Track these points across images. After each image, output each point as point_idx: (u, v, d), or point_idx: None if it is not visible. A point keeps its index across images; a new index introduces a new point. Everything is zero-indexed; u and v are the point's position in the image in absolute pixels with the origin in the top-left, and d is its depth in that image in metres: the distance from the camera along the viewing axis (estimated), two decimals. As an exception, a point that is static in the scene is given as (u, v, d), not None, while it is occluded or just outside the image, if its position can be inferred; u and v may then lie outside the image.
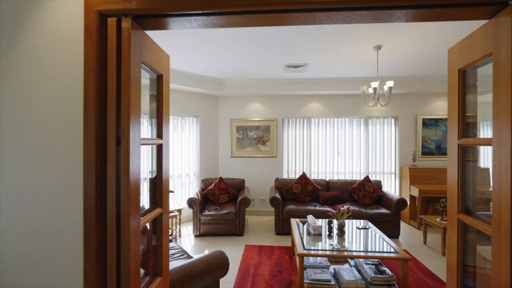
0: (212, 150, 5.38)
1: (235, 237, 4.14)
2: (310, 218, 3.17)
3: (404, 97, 5.19)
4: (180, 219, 4.18)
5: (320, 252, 2.44)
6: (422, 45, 3.20)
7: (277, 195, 4.29)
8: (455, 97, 1.27)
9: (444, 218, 3.69)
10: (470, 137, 1.25)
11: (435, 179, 4.76)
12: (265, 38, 3.01)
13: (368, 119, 5.28)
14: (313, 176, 5.35)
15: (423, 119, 5.11)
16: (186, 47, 3.30)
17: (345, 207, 4.25)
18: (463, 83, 1.24)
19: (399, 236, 4.15)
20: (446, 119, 5.09)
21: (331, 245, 2.67)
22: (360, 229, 3.15)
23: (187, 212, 4.88)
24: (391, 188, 5.28)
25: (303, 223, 3.43)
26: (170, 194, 4.47)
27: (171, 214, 3.92)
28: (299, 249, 2.49)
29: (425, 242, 3.89)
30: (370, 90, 3.34)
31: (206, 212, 4.12)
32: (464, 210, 1.24)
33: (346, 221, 3.32)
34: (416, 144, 5.14)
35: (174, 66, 4.11)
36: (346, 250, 2.51)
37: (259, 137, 5.38)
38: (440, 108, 5.15)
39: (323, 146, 5.33)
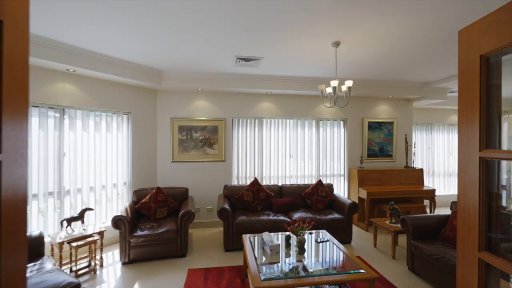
0: (148, 154, 4.50)
1: (176, 260, 3.43)
2: (265, 235, 2.73)
3: (353, 100, 5.26)
4: (102, 243, 3.25)
5: (281, 283, 2.00)
6: (380, 45, 3.09)
7: (226, 206, 3.74)
8: (473, 93, 0.94)
9: (393, 221, 3.72)
10: (493, 147, 0.94)
11: (379, 181, 4.91)
12: (213, 22, 2.44)
13: (319, 121, 5.18)
14: (265, 181, 4.98)
15: (369, 122, 5.26)
16: (112, 23, 2.49)
17: (298, 214, 3.99)
18: (487, 74, 0.92)
19: (351, 241, 4.07)
20: (388, 123, 5.34)
21: (292, 267, 2.27)
22: (319, 242, 2.85)
23: (113, 232, 3.92)
24: (341, 190, 5.29)
25: (257, 239, 2.97)
26: (90, 212, 3.48)
27: (88, 240, 2.99)
28: (254, 282, 2.01)
29: (375, 245, 3.89)
30: (329, 90, 3.09)
31: (139, 233, 3.31)
32: (487, 247, 0.93)
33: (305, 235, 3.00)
34: (362, 146, 5.25)
35: (95, 48, 3.17)
36: (311, 275, 2.13)
37: (206, 139, 4.75)
38: (383, 112, 5.38)
39: (275, 149, 5.01)
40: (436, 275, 2.74)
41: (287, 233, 3.03)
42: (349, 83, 2.86)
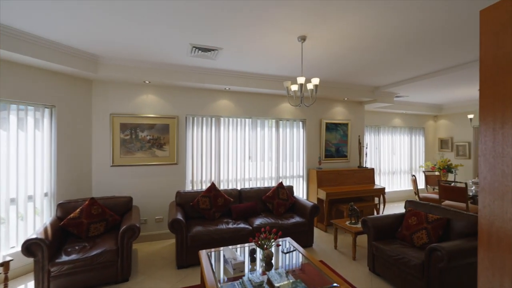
0: (80, 158, 3.70)
1: (116, 287, 2.82)
2: (227, 251, 2.37)
3: (309, 102, 5.25)
4: (6, 277, 2.45)
5: (249, 312, 1.68)
6: (345, 43, 3.02)
7: (179, 216, 3.26)
8: (506, 86, 0.77)
9: (353, 221, 3.74)
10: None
11: (336, 181, 4.99)
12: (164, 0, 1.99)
13: (279, 121, 5.02)
14: (223, 185, 4.59)
15: (326, 123, 5.32)
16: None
17: (259, 220, 3.73)
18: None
19: (313, 244, 3.99)
20: (343, 124, 5.49)
21: (259, 284, 1.97)
22: (286, 253, 2.62)
23: (25, 260, 3.06)
24: (300, 192, 5.23)
25: (216, 254, 2.59)
26: (-10, 234, 2.61)
27: (-16, 275, 2.20)
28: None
29: (335, 247, 3.87)
30: (294, 87, 2.89)
31: (63, 258, 2.60)
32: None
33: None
34: (320, 147, 5.28)
35: (6, 20, 2.36)
36: (282, 297, 1.86)
37: (155, 139, 4.14)
38: (339, 113, 5.51)
39: (233, 150, 4.67)
40: (397, 275, 2.76)
41: (251, 245, 2.73)
42: (315, 81, 2.70)
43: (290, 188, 4.48)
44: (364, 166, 5.53)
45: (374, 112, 6.71)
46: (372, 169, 5.37)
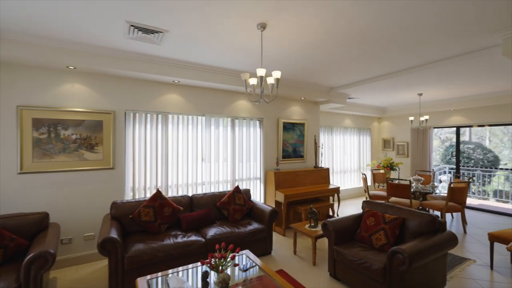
0: (-31, 163, 2.76)
1: (16, 338, 2.09)
2: (172, 281, 1.92)
3: (270, 99, 5.02)
4: None
5: None
6: (306, 37, 2.81)
7: (113, 233, 2.64)
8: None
9: (312, 224, 3.60)
10: None
11: (294, 182, 4.86)
12: None
13: (235, 120, 4.66)
14: (171, 192, 4.03)
15: (284, 123, 5.16)
16: None
17: (213, 230, 3.32)
18: None
19: (272, 251, 3.74)
20: (300, 124, 5.41)
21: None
22: (245, 271, 2.27)
23: None
24: (257, 195, 4.96)
25: (160, 282, 2.10)
26: None
27: None
28: None
29: (295, 252, 3.68)
30: (253, 81, 2.56)
31: None
32: None
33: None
34: (278, 147, 5.10)
35: None
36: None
37: (84, 139, 3.37)
38: (296, 113, 5.42)
39: (184, 151, 4.14)
40: (358, 280, 2.66)
41: (204, 267, 2.30)
42: (277, 74, 2.42)
43: (247, 192, 4.16)
44: (320, 166, 5.55)
45: (328, 113, 6.87)
46: (327, 169, 5.41)
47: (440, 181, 7.81)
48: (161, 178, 3.94)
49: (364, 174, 5.87)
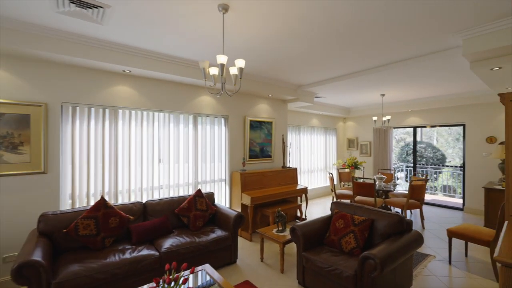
0: None
1: None
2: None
3: (235, 96, 4.72)
4: None
5: None
6: (273, 25, 2.56)
7: (37, 255, 2.11)
8: None
9: (280, 228, 3.39)
10: None
11: (261, 183, 4.62)
12: None
13: (197, 117, 4.27)
14: (122, 199, 3.51)
15: (251, 121, 4.90)
16: None
17: (170, 241, 2.92)
18: None
19: (237, 260, 3.44)
20: (268, 122, 5.19)
21: None
22: (202, 291, 1.94)
23: None
24: (222, 198, 4.62)
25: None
26: None
27: None
28: None
29: (262, 259, 3.43)
30: (214, 71, 2.24)
31: None
32: None
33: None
34: (244, 147, 4.82)
35: None
36: None
37: (3, 137, 2.72)
38: (263, 111, 5.19)
39: (137, 151, 3.64)
40: (328, 289, 2.49)
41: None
42: (240, 62, 2.12)
43: (211, 196, 3.81)
44: (288, 166, 5.40)
45: (296, 112, 6.78)
46: (295, 169, 5.28)
47: (397, 178, 8.26)
48: (109, 183, 3.40)
49: (331, 174, 5.88)
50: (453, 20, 2.46)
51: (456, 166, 9.48)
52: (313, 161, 7.38)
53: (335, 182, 7.66)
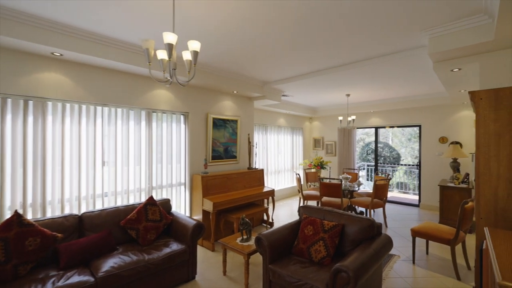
0: None
1: None
2: None
3: (196, 91, 4.28)
4: None
5: None
6: (235, 11, 2.22)
7: None
8: None
9: (245, 237, 3.06)
10: None
11: (225, 187, 4.26)
12: None
13: (152, 113, 3.75)
14: (52, 211, 2.86)
15: (214, 119, 4.50)
16: None
17: (112, 261, 2.41)
18: None
19: (196, 275, 3.03)
20: (232, 120, 4.84)
21: None
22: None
23: None
24: (181, 205, 4.15)
25: None
26: None
27: None
28: None
29: (225, 273, 3.07)
30: (162, 55, 1.82)
31: None
32: None
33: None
34: (207, 147, 4.41)
35: None
36: None
37: None
38: (228, 108, 4.82)
39: (74, 153, 3.03)
40: (297, 305, 2.23)
41: None
42: (194, 45, 1.75)
43: (166, 203, 3.34)
44: (254, 167, 5.11)
45: (262, 111, 6.53)
46: (262, 170, 5.01)
47: (360, 177, 8.53)
48: (33, 193, 2.74)
49: (298, 174, 5.74)
50: (419, 18, 2.39)
51: (412, 165, 10.14)
52: (280, 161, 7.21)
53: (302, 182, 7.60)
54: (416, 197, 7.29)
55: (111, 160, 3.33)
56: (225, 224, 4.16)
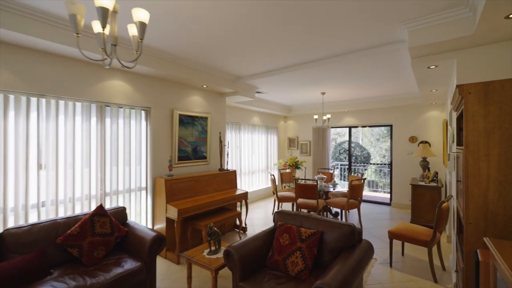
0: None
1: None
2: None
3: (160, 83, 3.80)
4: None
5: None
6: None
7: None
8: None
9: (213, 249, 2.70)
10: None
11: (193, 191, 3.84)
12: None
13: (105, 107, 3.22)
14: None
15: (180, 116, 4.06)
16: None
17: None
18: None
19: (155, 296, 2.60)
20: (202, 118, 4.43)
21: None
22: None
23: None
24: (142, 213, 3.65)
25: None
26: None
27: None
28: None
29: (190, 291, 2.68)
30: (98, 27, 1.40)
31: None
32: None
33: None
34: (172, 146, 3.95)
35: None
36: None
37: None
38: (197, 104, 4.40)
39: (3, 153, 2.44)
40: (271, 329, 1.93)
41: None
42: (140, 14, 1.35)
43: (120, 212, 2.85)
44: (226, 168, 4.74)
45: (235, 108, 6.18)
46: (234, 172, 4.67)
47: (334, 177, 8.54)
48: None
49: (273, 175, 5.48)
50: (398, 10, 2.24)
51: (382, 164, 10.44)
52: (255, 161, 6.92)
53: (277, 183, 7.38)
54: (386, 196, 7.44)
55: (50, 163, 2.77)
56: (193, 233, 3.74)
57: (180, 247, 3.50)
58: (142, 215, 3.65)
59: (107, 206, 3.22)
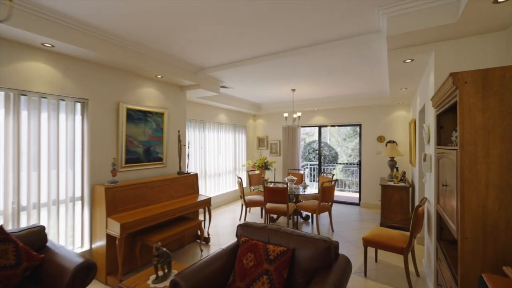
0: None
1: None
2: None
3: (101, 69, 3.13)
4: None
5: None
6: None
7: None
8: None
9: (161, 274, 2.17)
10: None
11: (144, 199, 3.24)
12: None
13: (19, 96, 2.49)
14: None
15: (129, 110, 3.41)
16: None
17: None
18: None
19: None
20: (157, 114, 3.82)
21: None
22: None
23: None
24: (76, 230, 2.95)
25: None
26: None
27: None
28: None
29: (130, 330, 2.11)
30: None
31: None
32: None
33: None
34: (118, 147, 3.30)
35: None
36: None
37: None
38: (151, 97, 3.78)
39: None
40: None
41: None
42: None
43: (35, 233, 2.18)
44: (186, 171, 4.17)
45: (199, 104, 5.61)
46: (196, 175, 4.12)
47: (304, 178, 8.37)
48: None
49: (240, 178, 5.04)
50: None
51: (349, 163, 10.57)
52: (221, 162, 6.41)
53: (245, 186, 6.95)
54: (355, 195, 7.44)
55: None
56: (142, 250, 3.13)
57: (126, 268, 2.89)
58: (76, 233, 2.95)
59: (23, 224, 2.50)
